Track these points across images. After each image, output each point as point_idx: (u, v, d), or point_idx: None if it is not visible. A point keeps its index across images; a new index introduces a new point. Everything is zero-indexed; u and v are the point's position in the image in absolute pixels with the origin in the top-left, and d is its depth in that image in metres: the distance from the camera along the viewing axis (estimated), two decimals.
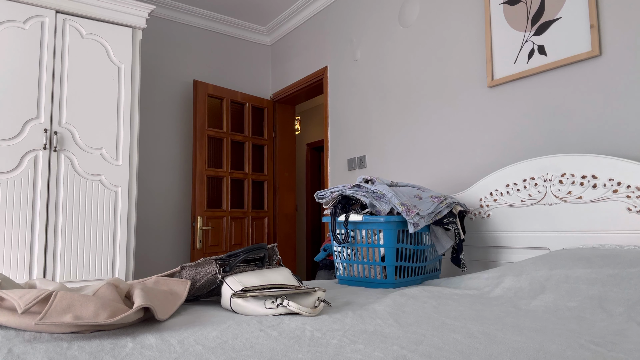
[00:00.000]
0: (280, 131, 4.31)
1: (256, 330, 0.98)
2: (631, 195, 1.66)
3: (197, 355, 0.81)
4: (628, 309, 1.13)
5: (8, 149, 2.43)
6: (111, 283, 1.07)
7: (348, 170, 3.33)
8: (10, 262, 2.39)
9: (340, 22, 3.50)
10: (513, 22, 2.23)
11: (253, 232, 4.05)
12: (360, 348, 0.85)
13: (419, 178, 2.74)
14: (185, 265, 1.33)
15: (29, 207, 2.46)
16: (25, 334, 0.89)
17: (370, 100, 3.15)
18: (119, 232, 2.70)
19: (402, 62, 2.90)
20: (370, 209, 1.82)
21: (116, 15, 2.80)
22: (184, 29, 3.96)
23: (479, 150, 2.39)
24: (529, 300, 1.32)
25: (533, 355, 0.80)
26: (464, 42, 2.50)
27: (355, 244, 1.82)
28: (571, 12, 2.00)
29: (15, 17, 2.51)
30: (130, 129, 2.80)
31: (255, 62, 4.36)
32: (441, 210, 1.85)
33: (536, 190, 1.94)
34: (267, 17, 4.13)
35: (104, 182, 2.68)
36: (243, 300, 1.16)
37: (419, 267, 1.84)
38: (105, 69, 2.75)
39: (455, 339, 0.91)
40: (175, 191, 3.78)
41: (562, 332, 0.97)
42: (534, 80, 2.14)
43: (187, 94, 3.92)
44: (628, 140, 1.81)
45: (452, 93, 2.55)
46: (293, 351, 0.83)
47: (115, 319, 0.90)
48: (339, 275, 1.91)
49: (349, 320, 1.08)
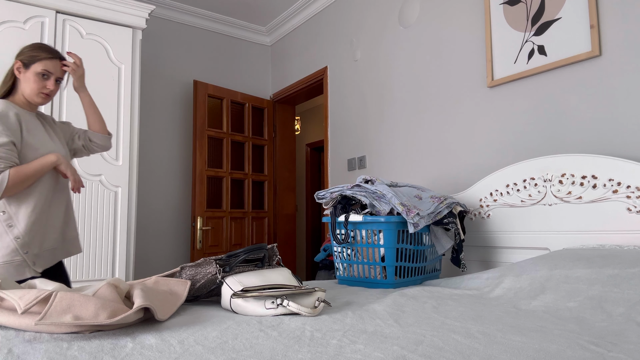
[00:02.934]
0: (280, 131, 4.31)
1: (256, 331, 0.98)
2: (631, 196, 1.66)
3: (197, 355, 0.81)
4: (628, 309, 1.13)
5: None
6: (111, 283, 1.07)
7: (348, 170, 3.33)
8: None
9: (340, 22, 3.50)
10: (513, 22, 2.23)
11: (253, 232, 4.05)
12: (360, 348, 0.85)
13: (418, 178, 2.74)
14: (185, 266, 1.33)
15: None
16: (25, 334, 0.89)
17: (370, 101, 3.15)
18: (119, 232, 2.70)
19: (402, 63, 2.90)
20: (370, 209, 1.82)
21: (116, 16, 2.79)
22: (184, 29, 3.96)
23: (479, 151, 2.39)
24: (529, 301, 1.32)
25: (533, 355, 0.80)
26: (464, 42, 2.50)
27: (355, 244, 1.82)
28: (571, 12, 2.00)
29: (15, 17, 2.51)
30: (130, 129, 2.80)
31: (255, 62, 4.36)
32: (441, 211, 1.85)
33: (536, 191, 1.94)
34: (267, 17, 4.13)
35: (104, 182, 2.68)
36: (243, 300, 1.16)
37: (419, 267, 1.84)
38: (105, 69, 2.75)
39: (455, 339, 0.91)
40: (175, 191, 3.78)
41: (562, 332, 0.97)
42: (534, 80, 2.14)
43: (187, 94, 3.92)
44: (628, 140, 1.81)
45: (452, 93, 2.55)
46: (293, 351, 0.83)
47: (115, 319, 0.90)
48: (339, 275, 1.91)
49: (349, 321, 1.08)
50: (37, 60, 1.64)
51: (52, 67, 1.66)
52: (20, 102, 1.69)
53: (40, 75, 1.65)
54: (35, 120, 1.71)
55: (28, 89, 1.65)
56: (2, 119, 1.57)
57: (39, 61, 1.64)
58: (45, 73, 1.65)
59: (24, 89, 1.66)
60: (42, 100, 1.69)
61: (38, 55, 1.64)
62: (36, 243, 1.62)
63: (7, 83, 1.69)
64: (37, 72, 1.64)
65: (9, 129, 1.56)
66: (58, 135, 1.80)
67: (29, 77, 1.65)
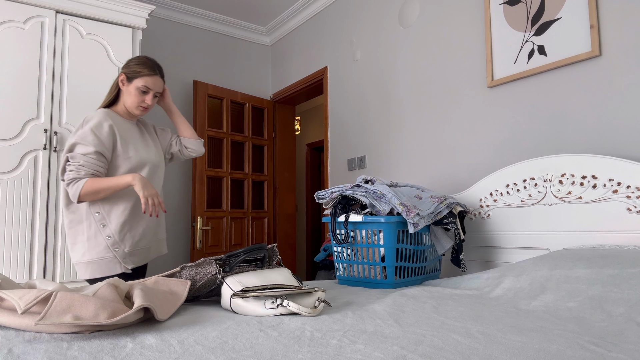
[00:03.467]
0: (280, 131, 4.31)
1: (256, 331, 0.98)
2: (631, 196, 1.66)
3: (197, 355, 0.81)
4: (628, 309, 1.13)
5: (8, 149, 2.43)
6: (111, 283, 1.07)
7: (348, 170, 3.33)
8: (10, 262, 2.39)
9: (340, 22, 3.50)
10: (513, 22, 2.23)
11: (253, 232, 4.05)
12: (360, 348, 0.85)
13: (418, 178, 2.74)
14: (185, 266, 1.33)
15: (29, 207, 2.46)
16: (25, 334, 0.89)
17: (370, 100, 3.15)
18: None
19: (403, 63, 2.90)
20: (370, 209, 1.82)
21: (116, 16, 2.80)
22: (184, 29, 3.96)
23: (479, 151, 2.39)
24: (529, 301, 1.32)
25: (533, 356, 0.80)
26: (464, 42, 2.50)
27: (355, 244, 1.82)
28: (571, 12, 2.00)
29: (15, 17, 2.51)
30: None
31: (255, 62, 4.36)
32: (441, 211, 1.85)
33: (536, 191, 1.94)
34: (267, 17, 4.13)
35: None
36: (243, 300, 1.16)
37: (419, 267, 1.84)
38: (105, 69, 2.75)
39: (455, 339, 0.91)
40: (175, 191, 3.78)
41: (562, 332, 0.97)
42: (534, 80, 2.14)
43: (187, 94, 3.92)
44: (628, 140, 1.81)
45: (452, 93, 2.55)
46: (293, 351, 0.83)
47: (115, 319, 0.90)
48: (339, 275, 1.91)
49: (349, 321, 1.08)
50: (139, 76, 1.77)
51: (152, 83, 1.79)
52: (121, 111, 1.85)
53: (140, 90, 1.78)
54: (134, 129, 1.87)
55: (129, 101, 1.80)
56: (96, 130, 1.72)
57: (140, 77, 1.77)
58: (145, 89, 1.78)
59: (125, 100, 1.81)
60: (140, 113, 1.83)
61: (141, 71, 1.77)
62: (127, 242, 1.76)
63: (112, 93, 1.85)
64: (138, 87, 1.78)
65: (99, 139, 1.71)
66: (155, 142, 1.95)
67: (131, 90, 1.79)
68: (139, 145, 1.85)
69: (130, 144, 1.82)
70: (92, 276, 1.76)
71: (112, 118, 1.79)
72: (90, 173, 1.68)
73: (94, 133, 1.71)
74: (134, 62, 1.82)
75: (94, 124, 1.73)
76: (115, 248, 1.74)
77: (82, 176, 1.66)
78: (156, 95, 1.84)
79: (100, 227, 1.74)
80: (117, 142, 1.77)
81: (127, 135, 1.82)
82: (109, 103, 1.87)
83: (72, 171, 1.68)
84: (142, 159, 1.84)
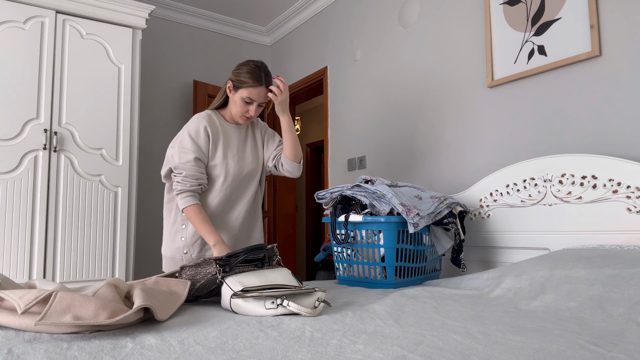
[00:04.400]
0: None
1: (256, 331, 0.98)
2: (631, 196, 1.66)
3: (197, 355, 0.80)
4: (628, 309, 1.13)
5: (8, 149, 2.43)
6: (111, 283, 1.07)
7: (348, 170, 3.33)
8: (10, 262, 2.39)
9: (340, 22, 3.50)
10: (513, 22, 2.23)
11: None
12: (360, 348, 0.85)
13: (418, 178, 2.74)
14: (185, 266, 1.33)
15: (29, 207, 2.46)
16: (25, 334, 0.89)
17: (370, 100, 3.15)
18: (119, 232, 2.70)
19: (403, 63, 2.90)
20: (370, 209, 1.82)
21: (116, 16, 2.79)
22: (184, 29, 3.96)
23: (478, 151, 2.39)
24: (529, 301, 1.32)
25: (533, 356, 0.80)
26: (464, 42, 2.50)
27: (355, 244, 1.82)
28: (571, 13, 2.00)
29: (15, 17, 2.51)
30: (130, 129, 2.80)
31: None
32: (441, 211, 1.85)
33: (536, 191, 1.94)
34: (267, 17, 4.13)
35: (104, 182, 2.68)
36: (243, 300, 1.16)
37: (419, 267, 1.84)
38: (105, 69, 2.75)
39: (455, 339, 0.91)
40: None
41: (562, 332, 0.97)
42: (534, 80, 2.14)
43: (187, 94, 3.92)
44: (628, 140, 1.81)
45: (452, 93, 2.55)
46: (293, 351, 0.83)
47: (115, 319, 0.90)
48: (339, 275, 1.91)
49: (349, 321, 1.08)
50: (244, 86, 1.76)
51: (256, 94, 1.77)
52: (227, 115, 1.87)
53: (244, 101, 1.77)
54: (235, 134, 1.87)
55: (234, 109, 1.81)
56: (194, 134, 1.76)
57: (245, 87, 1.76)
58: (249, 100, 1.77)
59: (231, 107, 1.83)
60: (243, 122, 1.84)
61: (246, 82, 1.76)
62: (195, 249, 1.79)
63: (221, 97, 1.88)
64: (242, 97, 1.77)
65: (197, 145, 1.75)
66: (256, 150, 1.93)
67: (236, 99, 1.79)
68: (234, 152, 1.83)
69: (224, 148, 1.81)
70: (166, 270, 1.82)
71: (211, 121, 1.80)
72: (195, 184, 1.72)
73: (192, 138, 1.74)
74: (243, 69, 1.78)
75: (192, 129, 1.76)
76: (184, 251, 1.79)
77: (188, 189, 1.70)
78: (261, 105, 1.82)
79: (180, 227, 1.80)
80: (211, 145, 1.79)
81: (224, 140, 1.82)
82: (219, 105, 1.89)
83: (179, 183, 1.72)
84: (228, 168, 1.80)
